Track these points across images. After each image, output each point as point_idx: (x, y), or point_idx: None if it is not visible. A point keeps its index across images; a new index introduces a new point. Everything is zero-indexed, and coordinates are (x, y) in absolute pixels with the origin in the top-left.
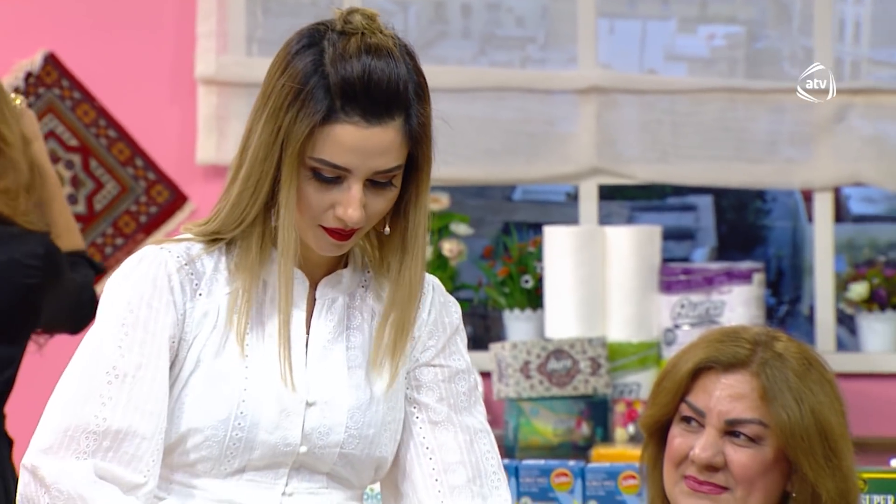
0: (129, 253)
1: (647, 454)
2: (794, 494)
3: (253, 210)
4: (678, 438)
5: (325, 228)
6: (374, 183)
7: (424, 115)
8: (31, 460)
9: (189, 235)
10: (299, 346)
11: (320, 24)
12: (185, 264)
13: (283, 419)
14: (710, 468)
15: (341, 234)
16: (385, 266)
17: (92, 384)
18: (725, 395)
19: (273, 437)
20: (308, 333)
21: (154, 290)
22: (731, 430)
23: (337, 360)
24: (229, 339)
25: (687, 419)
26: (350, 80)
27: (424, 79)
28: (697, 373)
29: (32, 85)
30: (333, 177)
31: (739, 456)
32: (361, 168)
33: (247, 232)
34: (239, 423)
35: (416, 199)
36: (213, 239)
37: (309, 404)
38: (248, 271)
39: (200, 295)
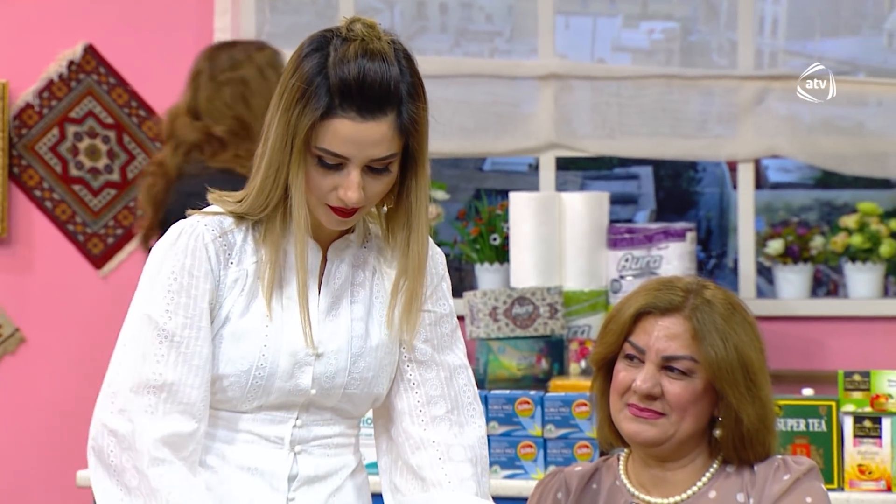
0: None
1: (595, 385)
2: (720, 419)
3: (275, 194)
4: (622, 372)
5: (331, 207)
6: (371, 169)
7: (416, 111)
8: (104, 418)
9: (220, 209)
10: (312, 304)
11: (328, 31)
12: (219, 236)
13: (296, 370)
14: (650, 397)
15: (344, 212)
16: (391, 236)
17: (147, 346)
18: (662, 335)
19: (287, 385)
20: (319, 293)
21: (194, 260)
22: (667, 365)
23: (342, 315)
24: (254, 301)
25: (630, 356)
26: (347, 81)
27: (419, 79)
28: (638, 317)
29: (74, 72)
30: (335, 164)
31: (674, 387)
32: (358, 156)
33: (271, 212)
34: (258, 373)
35: (416, 183)
36: (241, 216)
37: (318, 355)
38: (272, 244)
39: (232, 263)
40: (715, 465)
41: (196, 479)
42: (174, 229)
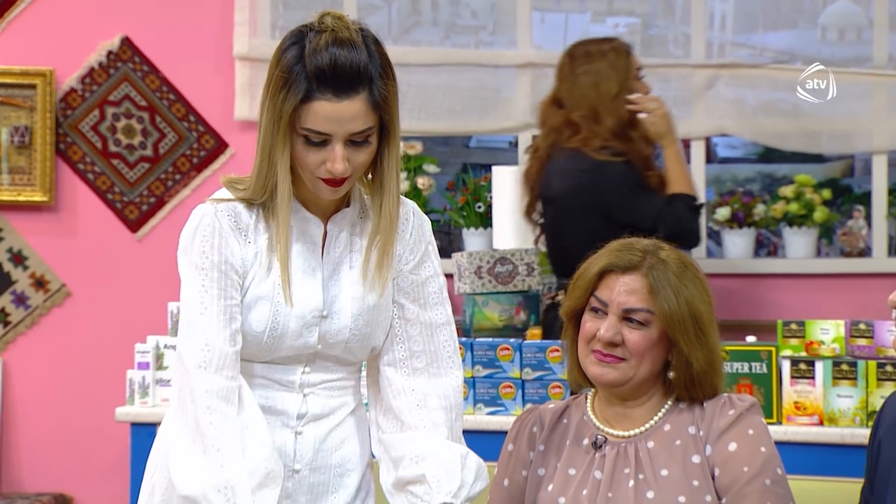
0: (185, 185)
1: (566, 334)
2: (673, 363)
3: (272, 176)
4: (589, 323)
5: (322, 179)
6: (353, 142)
7: (385, 88)
8: (175, 376)
9: (230, 196)
10: (317, 272)
11: (304, 25)
12: (234, 220)
13: (304, 330)
14: (612, 344)
15: (333, 182)
16: (372, 200)
17: (193, 319)
18: (623, 290)
19: (297, 343)
20: (323, 262)
21: (220, 239)
22: (627, 316)
23: (343, 280)
24: (270, 272)
25: (595, 309)
26: (321, 68)
27: (387, 60)
28: (602, 274)
29: (112, 60)
30: (320, 141)
31: (633, 335)
32: (339, 132)
33: (274, 193)
34: (272, 334)
35: (388, 152)
36: (249, 201)
37: (323, 317)
38: (279, 222)
39: (249, 242)
40: (669, 403)
41: (238, 420)
42: (195, 215)
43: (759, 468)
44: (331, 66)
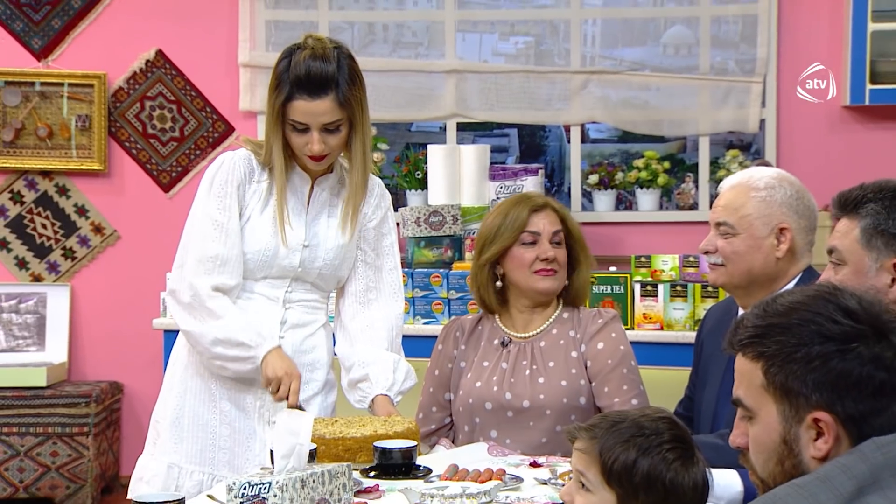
0: (203, 158)
1: (482, 276)
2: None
3: (273, 150)
4: (526, 254)
5: (307, 156)
6: (327, 130)
7: (350, 92)
8: (183, 279)
9: (250, 147)
10: (302, 216)
11: (294, 44)
12: (248, 164)
13: (290, 253)
14: (548, 260)
15: (315, 159)
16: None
17: (206, 231)
18: (546, 222)
19: (284, 262)
20: (308, 207)
21: (234, 176)
22: (553, 240)
23: (321, 224)
24: (266, 208)
25: (528, 241)
26: (299, 76)
27: (354, 71)
28: (529, 214)
29: (149, 67)
30: (302, 128)
31: (558, 253)
32: (314, 123)
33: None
34: (265, 254)
35: (356, 139)
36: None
37: (305, 246)
38: (277, 174)
39: (254, 181)
40: (556, 313)
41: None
42: (220, 157)
43: (618, 360)
44: (306, 75)
